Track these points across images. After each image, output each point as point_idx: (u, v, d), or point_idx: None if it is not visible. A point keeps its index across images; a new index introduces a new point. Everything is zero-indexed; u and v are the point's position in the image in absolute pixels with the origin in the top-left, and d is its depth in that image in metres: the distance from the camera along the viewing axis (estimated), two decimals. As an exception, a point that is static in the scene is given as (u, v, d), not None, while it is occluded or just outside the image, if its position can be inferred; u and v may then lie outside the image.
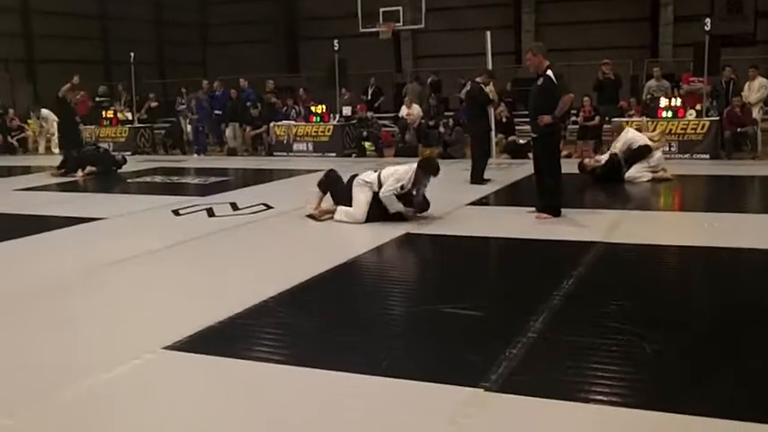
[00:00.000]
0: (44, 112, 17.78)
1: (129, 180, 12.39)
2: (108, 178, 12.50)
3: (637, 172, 10.21)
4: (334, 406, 3.35)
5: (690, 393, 3.37)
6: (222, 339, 4.23)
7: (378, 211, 7.56)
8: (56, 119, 16.24)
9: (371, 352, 3.97)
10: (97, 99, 19.47)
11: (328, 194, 8.01)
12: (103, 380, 3.68)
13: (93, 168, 12.68)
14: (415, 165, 7.68)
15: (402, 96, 17.59)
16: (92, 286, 5.59)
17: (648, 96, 14.74)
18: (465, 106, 11.99)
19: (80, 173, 12.59)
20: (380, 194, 7.52)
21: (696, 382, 3.52)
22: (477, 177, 10.41)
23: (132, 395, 3.58)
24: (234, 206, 8.91)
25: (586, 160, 10.99)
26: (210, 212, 8.54)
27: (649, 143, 10.53)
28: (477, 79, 10.87)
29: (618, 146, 10.48)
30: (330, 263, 5.92)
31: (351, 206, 7.62)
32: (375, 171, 7.76)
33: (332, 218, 7.72)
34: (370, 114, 16.58)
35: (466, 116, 11.76)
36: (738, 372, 3.63)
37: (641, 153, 10.36)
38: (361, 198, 7.59)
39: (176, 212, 8.63)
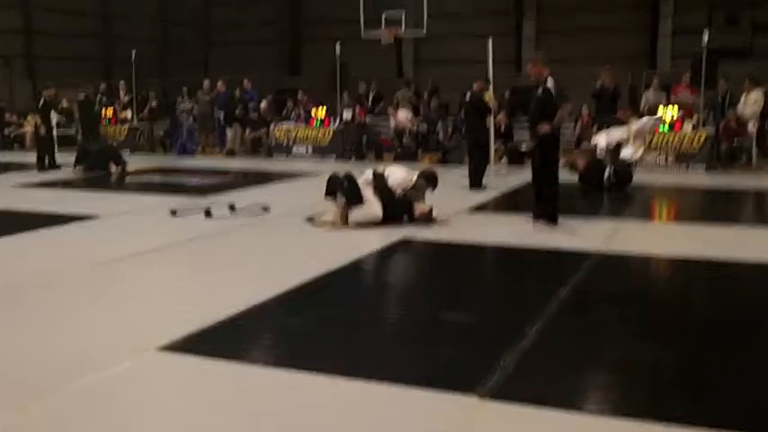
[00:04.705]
0: None
1: (127, 179, 12.38)
2: (107, 176, 12.50)
3: (629, 152, 10.78)
4: (328, 410, 3.36)
5: (686, 403, 3.38)
6: (218, 341, 4.23)
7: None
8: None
9: (367, 357, 3.98)
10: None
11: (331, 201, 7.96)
12: (98, 379, 3.67)
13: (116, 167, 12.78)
14: (416, 173, 8.03)
15: (394, 104, 17.29)
16: (84, 285, 5.58)
17: (646, 108, 14.76)
18: (464, 113, 12.01)
19: (113, 168, 12.70)
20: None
21: (692, 392, 3.53)
22: (476, 183, 10.44)
23: (126, 396, 3.57)
24: (232, 207, 8.91)
25: (579, 161, 11.04)
26: (208, 213, 8.53)
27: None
28: (474, 87, 10.90)
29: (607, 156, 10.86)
30: (327, 266, 5.93)
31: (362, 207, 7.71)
32: (371, 169, 7.98)
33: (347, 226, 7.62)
34: (367, 120, 16.55)
35: (464, 123, 11.80)
36: (736, 382, 3.65)
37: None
38: (373, 196, 7.74)
39: (174, 212, 8.62)
